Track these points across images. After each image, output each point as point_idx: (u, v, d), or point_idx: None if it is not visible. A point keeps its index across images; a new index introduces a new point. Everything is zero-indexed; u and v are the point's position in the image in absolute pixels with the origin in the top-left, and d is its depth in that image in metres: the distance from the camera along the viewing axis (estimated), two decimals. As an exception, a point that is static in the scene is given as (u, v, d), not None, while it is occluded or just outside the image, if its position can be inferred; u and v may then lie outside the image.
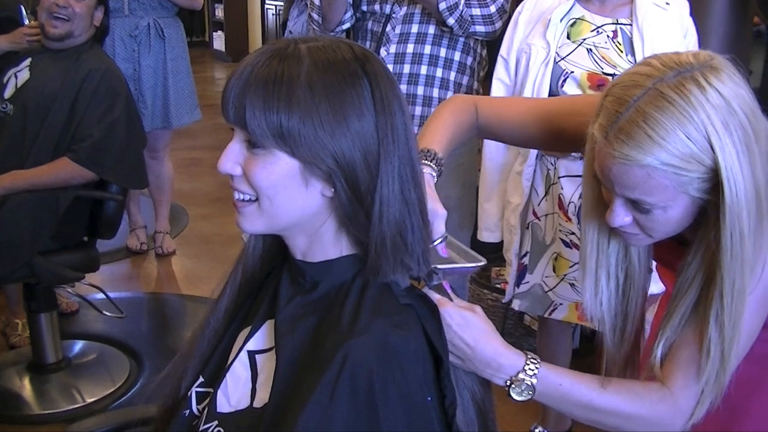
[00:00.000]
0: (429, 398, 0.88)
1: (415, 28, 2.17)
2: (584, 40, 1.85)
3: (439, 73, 2.20)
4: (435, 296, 0.98)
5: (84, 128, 2.27)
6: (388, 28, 2.18)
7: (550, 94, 1.85)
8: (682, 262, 1.04)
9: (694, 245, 1.02)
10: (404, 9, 2.18)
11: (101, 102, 2.30)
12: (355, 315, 0.87)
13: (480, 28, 2.15)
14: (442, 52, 2.19)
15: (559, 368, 1.03)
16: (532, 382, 0.99)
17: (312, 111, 0.83)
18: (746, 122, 0.93)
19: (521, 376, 0.99)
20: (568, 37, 1.87)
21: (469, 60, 2.24)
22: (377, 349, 0.84)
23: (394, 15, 2.18)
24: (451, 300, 0.99)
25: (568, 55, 1.86)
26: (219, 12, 9.76)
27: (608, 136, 0.94)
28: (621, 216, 1.00)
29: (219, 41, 9.82)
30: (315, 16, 2.27)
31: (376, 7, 2.21)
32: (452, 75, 2.21)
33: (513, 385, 0.99)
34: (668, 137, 0.91)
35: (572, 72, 1.84)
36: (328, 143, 0.84)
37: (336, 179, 0.85)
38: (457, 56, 2.20)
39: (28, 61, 2.40)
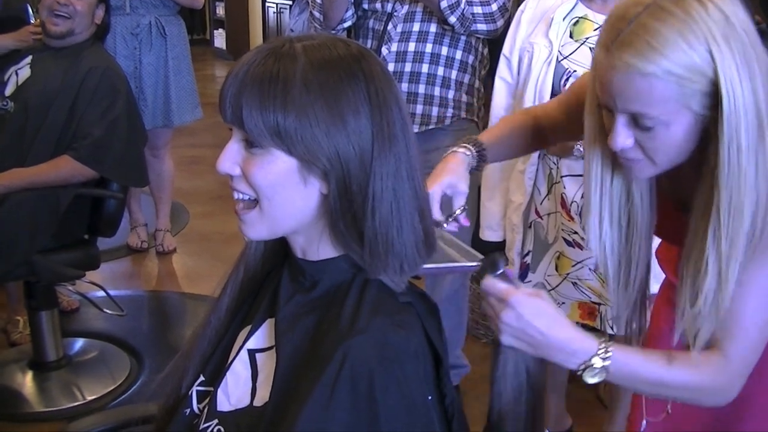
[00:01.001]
0: (429, 397, 0.88)
1: (416, 27, 2.17)
2: (587, 38, 1.85)
3: (440, 71, 2.19)
4: (501, 286, 0.98)
5: (85, 126, 2.27)
6: (390, 26, 2.18)
7: (552, 93, 1.85)
8: (691, 210, 1.03)
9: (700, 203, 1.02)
10: (405, 7, 2.17)
11: (102, 100, 2.29)
12: (354, 314, 0.86)
13: (481, 27, 2.14)
14: (444, 50, 2.18)
15: (628, 348, 1.04)
16: (605, 365, 1.00)
17: (308, 109, 0.83)
18: (746, 40, 0.94)
19: (595, 360, 1.00)
20: (571, 36, 1.86)
21: (471, 58, 2.23)
22: (377, 348, 0.84)
23: (395, 13, 2.17)
24: (516, 288, 1.00)
25: (570, 54, 1.85)
26: (220, 10, 9.76)
27: (610, 49, 0.95)
28: (623, 136, 0.99)
29: (220, 39, 9.82)
30: (316, 13, 2.27)
31: (378, 5, 2.20)
32: (454, 73, 2.21)
33: (587, 369, 1.00)
34: (669, 46, 0.91)
35: (575, 71, 1.84)
36: (323, 141, 0.84)
37: (330, 177, 0.85)
38: (458, 55, 2.20)
39: (29, 59, 2.40)
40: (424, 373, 0.88)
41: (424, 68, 2.18)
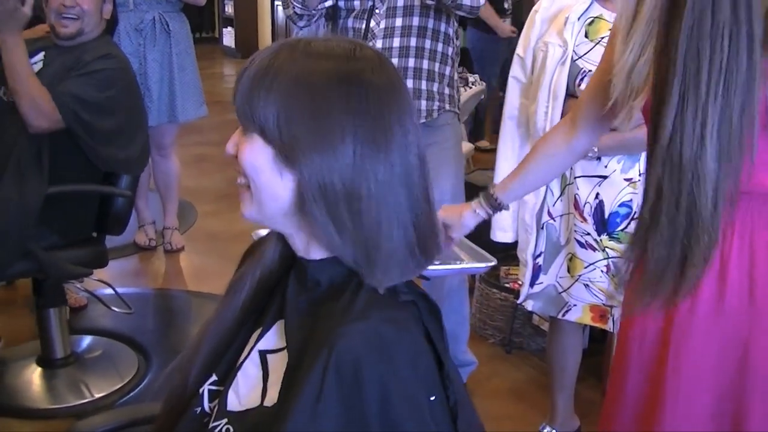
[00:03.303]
0: (432, 398, 0.87)
1: (398, 22, 2.15)
2: (602, 38, 1.84)
3: (425, 65, 2.18)
4: None
5: (72, 85, 2.18)
6: (372, 23, 2.16)
7: (567, 93, 1.84)
8: None
9: None
10: (386, 3, 2.15)
11: (100, 77, 2.22)
12: (346, 309, 0.86)
13: (466, 1, 2.10)
14: (427, 43, 2.18)
15: None
16: None
17: (291, 102, 0.84)
18: None
19: None
20: (586, 36, 1.86)
21: (450, 50, 2.24)
22: (365, 337, 0.83)
23: (377, 10, 2.15)
24: None
25: (585, 54, 1.84)
26: (229, 8, 9.77)
27: None
28: None
29: (229, 37, 9.83)
30: None
31: (356, 2, 2.17)
32: (437, 66, 2.20)
33: None
34: None
35: (590, 70, 1.83)
36: (302, 138, 0.84)
37: (304, 175, 0.85)
38: (440, 47, 2.20)
39: (41, 55, 2.38)
40: (424, 373, 0.87)
41: (410, 62, 2.17)
